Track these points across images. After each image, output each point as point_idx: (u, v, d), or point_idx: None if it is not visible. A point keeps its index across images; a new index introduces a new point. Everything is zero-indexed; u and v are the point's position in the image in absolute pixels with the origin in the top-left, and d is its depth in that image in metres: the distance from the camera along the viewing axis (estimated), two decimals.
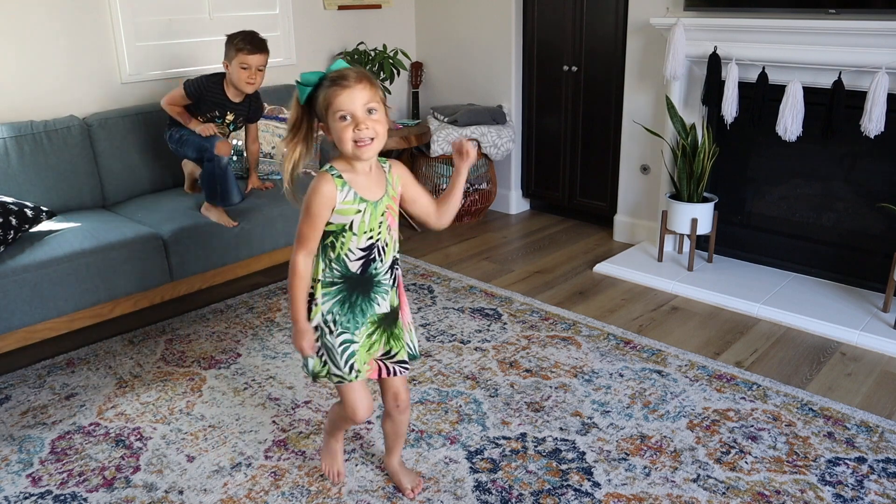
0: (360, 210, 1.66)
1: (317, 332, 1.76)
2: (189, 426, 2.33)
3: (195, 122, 3.06)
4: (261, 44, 3.02)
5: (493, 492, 2.02)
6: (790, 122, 3.07)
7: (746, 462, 2.13)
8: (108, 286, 2.78)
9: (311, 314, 1.73)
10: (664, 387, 2.53)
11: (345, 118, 1.59)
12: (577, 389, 2.52)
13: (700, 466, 2.12)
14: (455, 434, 2.27)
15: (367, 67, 1.50)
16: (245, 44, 2.97)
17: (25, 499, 2.01)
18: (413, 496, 2.00)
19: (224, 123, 3.15)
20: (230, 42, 3.00)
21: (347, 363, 1.74)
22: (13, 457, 2.19)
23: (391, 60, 4.12)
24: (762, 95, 3.16)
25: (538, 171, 4.45)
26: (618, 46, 3.83)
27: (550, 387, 2.54)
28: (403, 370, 1.85)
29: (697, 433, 2.27)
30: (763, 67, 3.15)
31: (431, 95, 4.67)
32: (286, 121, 3.63)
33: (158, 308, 3.11)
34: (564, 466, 2.12)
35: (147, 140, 3.35)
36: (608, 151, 4.06)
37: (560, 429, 2.30)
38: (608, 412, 2.38)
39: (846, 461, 2.13)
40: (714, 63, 3.27)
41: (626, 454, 2.17)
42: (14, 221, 2.64)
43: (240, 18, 3.76)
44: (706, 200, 3.43)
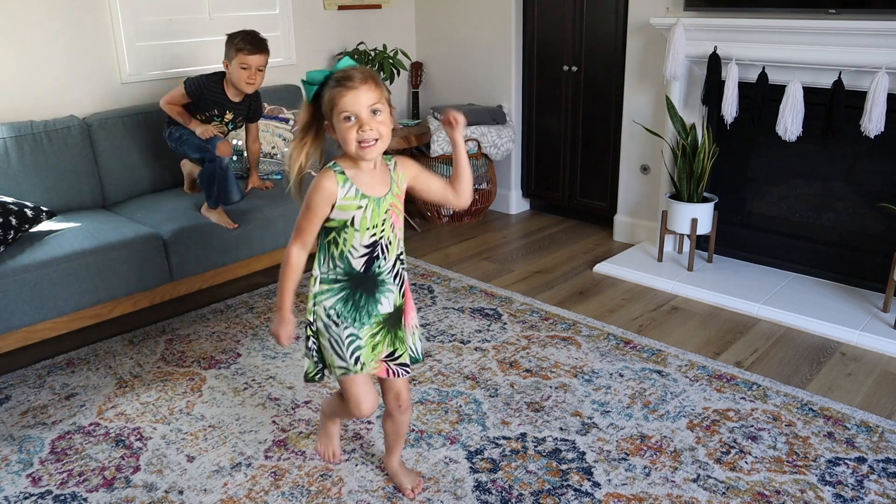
0: (362, 206, 1.66)
1: (311, 332, 1.76)
2: (189, 426, 2.33)
3: (195, 123, 3.05)
4: (261, 44, 3.01)
5: (493, 492, 2.02)
6: (790, 122, 3.07)
7: (746, 462, 2.13)
8: (108, 286, 2.78)
9: (310, 312, 1.74)
10: (664, 387, 2.53)
11: (349, 119, 1.60)
12: (577, 389, 2.52)
13: (700, 466, 2.12)
14: (455, 434, 2.27)
15: (368, 67, 1.50)
16: (245, 44, 2.96)
17: (25, 499, 2.01)
18: (413, 496, 2.00)
19: (223, 122, 3.14)
20: (230, 41, 2.99)
21: (353, 355, 1.74)
22: (13, 457, 2.19)
23: (391, 60, 4.12)
24: (762, 95, 3.16)
25: (538, 171, 4.45)
26: (618, 46, 3.84)
27: (550, 387, 2.54)
28: (405, 372, 1.85)
29: (697, 433, 2.27)
30: (763, 67, 3.15)
31: (431, 95, 4.67)
32: (286, 120, 3.64)
33: (158, 308, 3.11)
34: (564, 466, 2.12)
35: (147, 140, 3.35)
36: (608, 151, 4.06)
37: (560, 429, 2.30)
38: (608, 412, 2.38)
39: (846, 461, 2.13)
40: (714, 63, 3.27)
41: (626, 454, 2.17)
42: (14, 221, 2.64)
43: (240, 18, 3.76)
44: (706, 200, 3.44)
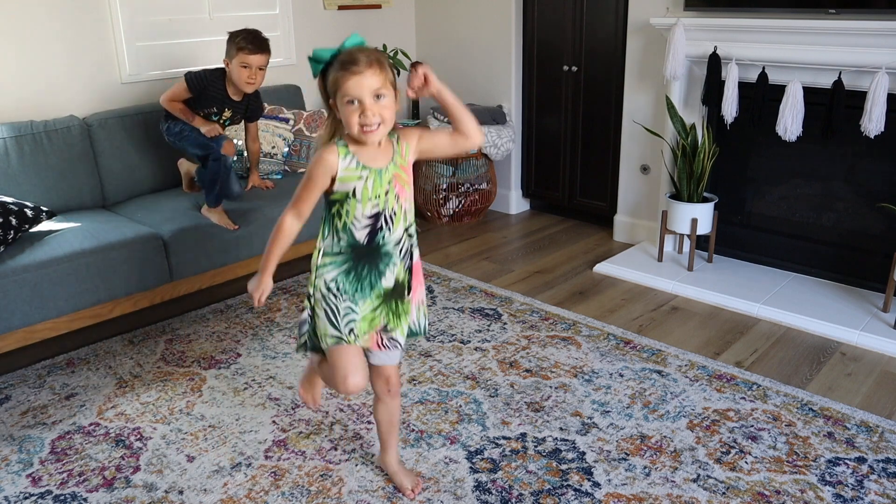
0: (363, 177, 1.67)
1: (309, 304, 1.76)
2: (189, 426, 2.33)
3: (199, 121, 3.02)
4: (263, 43, 2.99)
5: (493, 492, 2.02)
6: (790, 122, 3.07)
7: (746, 462, 2.13)
8: (108, 286, 2.78)
9: (311, 284, 1.75)
10: (664, 387, 2.53)
11: (352, 103, 1.61)
12: (577, 389, 2.52)
13: (700, 466, 2.12)
14: (455, 434, 2.27)
15: (375, 49, 1.49)
16: (246, 43, 2.94)
17: (25, 499, 2.01)
18: (413, 496, 2.00)
19: (221, 120, 3.12)
20: (232, 40, 2.96)
21: (348, 325, 1.73)
22: (13, 457, 2.19)
23: (391, 60, 4.11)
24: (762, 95, 3.16)
25: (538, 171, 4.45)
26: (618, 46, 3.83)
27: (550, 387, 2.54)
28: (395, 346, 1.82)
29: (697, 433, 2.27)
30: (763, 67, 3.15)
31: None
32: (286, 120, 3.64)
33: (158, 308, 3.11)
34: (564, 466, 2.12)
35: (147, 140, 3.35)
36: (608, 151, 4.06)
37: (560, 429, 2.30)
38: (608, 412, 2.38)
39: (846, 461, 2.13)
40: (714, 63, 3.27)
41: (626, 454, 2.17)
42: (14, 221, 2.64)
43: (240, 18, 3.75)
44: (706, 200, 3.44)
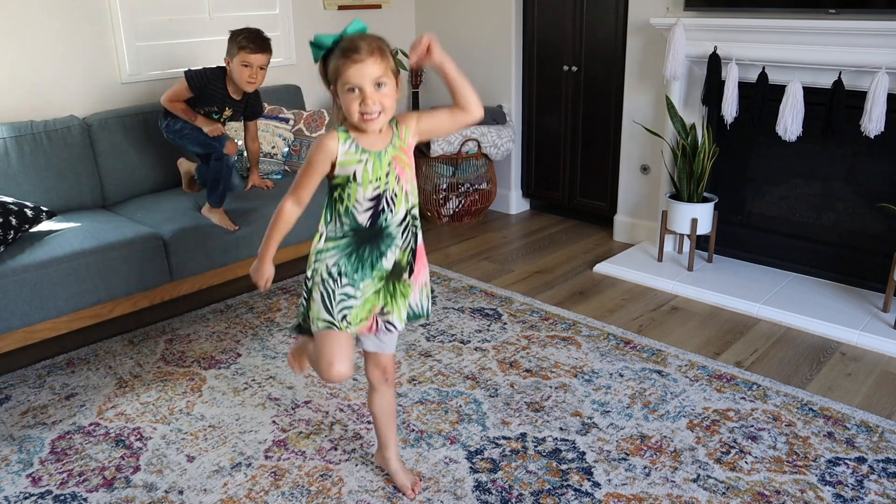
0: (362, 160, 1.67)
1: (306, 287, 1.76)
2: (189, 426, 2.34)
3: (202, 120, 3.02)
4: (264, 43, 2.97)
5: (493, 492, 2.02)
6: (790, 122, 3.07)
7: (746, 462, 2.13)
8: (108, 286, 2.78)
9: (312, 270, 1.75)
10: (664, 387, 2.53)
11: (353, 91, 1.60)
12: (577, 389, 2.52)
13: (700, 466, 2.12)
14: (455, 434, 2.27)
15: (376, 35, 1.48)
16: (248, 42, 2.92)
17: (25, 499, 2.01)
18: (414, 496, 2.00)
19: (220, 118, 3.11)
20: (233, 39, 2.95)
21: (341, 312, 1.72)
22: (13, 457, 2.19)
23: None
24: (762, 95, 3.16)
25: (538, 171, 4.45)
26: (618, 46, 3.84)
27: (550, 387, 2.54)
28: (390, 329, 1.80)
29: (697, 433, 2.27)
30: (763, 67, 3.15)
31: (431, 95, 4.67)
32: (286, 120, 3.64)
33: (158, 308, 3.11)
34: (564, 466, 2.12)
35: (147, 140, 3.35)
36: (608, 151, 4.06)
37: (560, 429, 2.30)
38: (608, 412, 2.38)
39: (846, 461, 2.13)
40: (714, 63, 3.27)
41: (626, 454, 2.17)
42: (14, 221, 2.64)
43: (240, 18, 3.75)
44: (706, 200, 3.44)
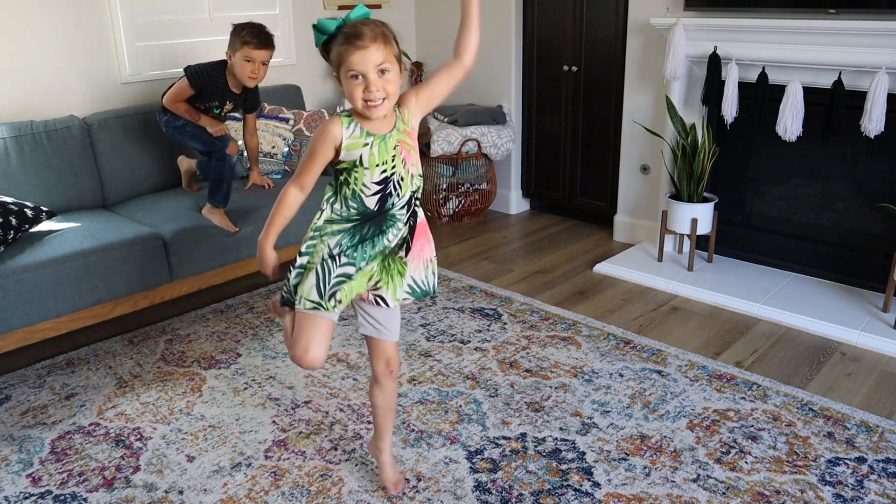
0: (368, 143, 1.66)
1: (300, 264, 1.75)
2: (189, 426, 2.33)
3: (206, 120, 3.01)
4: (267, 39, 2.96)
5: (493, 492, 2.02)
6: (790, 122, 3.07)
7: (746, 462, 2.13)
8: (108, 286, 2.78)
9: (308, 245, 1.74)
10: (664, 387, 2.53)
11: (356, 77, 1.60)
12: (577, 389, 2.52)
13: (700, 466, 2.12)
14: (455, 434, 2.27)
15: (380, 21, 1.47)
16: (252, 37, 2.90)
17: (25, 499, 2.01)
18: (396, 492, 2.00)
19: (222, 113, 3.10)
20: (236, 33, 2.93)
21: (332, 290, 1.70)
22: (13, 457, 2.19)
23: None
24: (762, 95, 3.16)
25: (538, 171, 4.45)
26: (618, 46, 3.84)
27: (550, 387, 2.54)
28: (381, 303, 1.78)
29: (697, 433, 2.27)
30: (763, 67, 3.15)
31: None
32: (286, 120, 3.64)
33: (158, 308, 3.11)
34: (564, 466, 2.12)
35: (147, 140, 3.35)
36: (608, 151, 4.06)
37: (560, 429, 2.30)
38: (608, 412, 2.38)
39: (846, 461, 2.13)
40: (714, 63, 3.27)
41: (626, 454, 2.17)
42: (14, 221, 2.64)
43: (240, 19, 3.70)
44: (706, 200, 3.44)
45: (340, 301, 1.71)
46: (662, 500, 1.98)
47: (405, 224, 1.74)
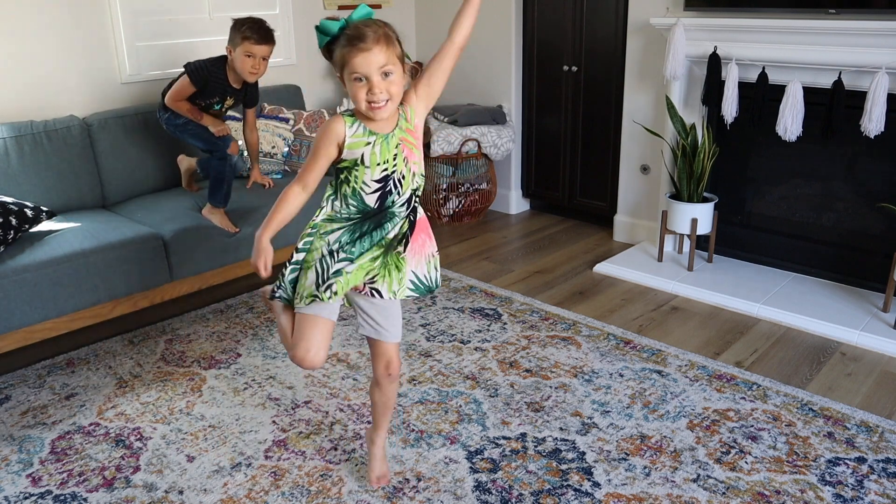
0: (370, 142, 1.67)
1: (295, 261, 1.76)
2: (189, 426, 2.33)
3: (209, 119, 3.01)
4: (268, 34, 2.94)
5: (493, 492, 2.02)
6: (790, 122, 3.07)
7: (746, 462, 2.13)
8: (108, 286, 2.78)
9: (306, 241, 1.75)
10: (664, 387, 2.53)
11: (360, 80, 1.60)
12: (577, 389, 2.52)
13: (700, 466, 2.12)
14: (455, 434, 2.27)
15: (382, 22, 1.47)
16: (252, 32, 2.88)
17: (25, 499, 2.01)
18: (376, 486, 2.00)
19: (223, 108, 3.09)
20: (236, 28, 2.91)
21: (327, 283, 1.71)
22: (13, 457, 2.19)
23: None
24: (762, 95, 3.16)
25: (538, 171, 4.45)
26: (618, 46, 3.84)
27: (550, 387, 2.54)
28: (375, 295, 1.78)
29: (697, 433, 2.27)
30: (763, 67, 3.15)
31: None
32: (286, 120, 3.64)
33: (158, 308, 3.11)
34: (564, 466, 2.12)
35: (147, 140, 3.35)
36: (608, 151, 4.06)
37: (560, 429, 2.30)
38: (608, 412, 2.38)
39: (846, 461, 2.13)
40: (714, 63, 3.27)
41: (626, 454, 2.17)
42: (14, 221, 2.64)
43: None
44: (706, 200, 3.44)
45: (336, 293, 1.71)
46: (662, 500, 1.98)
47: (404, 219, 1.75)
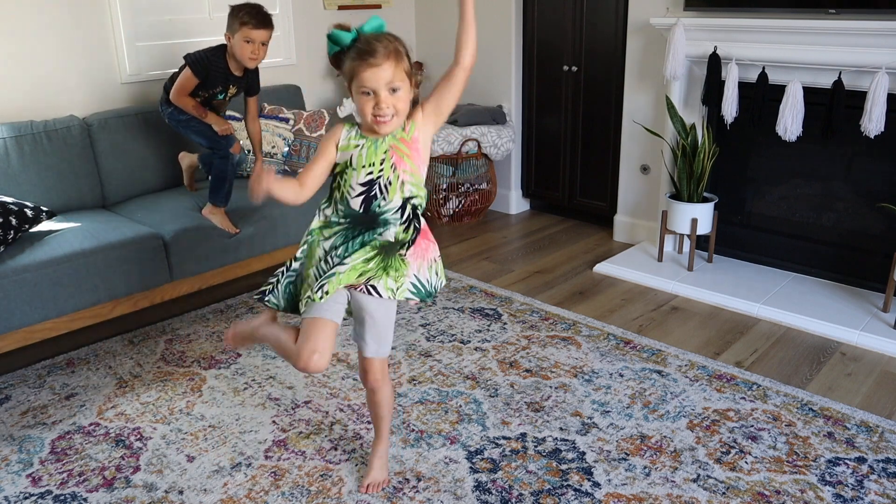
0: (359, 145, 1.73)
1: (292, 266, 1.84)
2: (189, 426, 2.33)
3: (212, 118, 3.00)
4: (266, 18, 2.92)
5: (493, 492, 2.02)
6: (790, 122, 3.07)
7: (746, 462, 2.13)
8: (108, 286, 2.78)
9: (303, 250, 1.83)
10: (664, 387, 2.53)
11: (368, 94, 1.64)
12: (577, 389, 2.52)
13: (700, 466, 2.12)
14: (455, 434, 2.27)
15: (393, 37, 1.49)
16: (250, 17, 2.86)
17: (25, 499, 2.01)
18: (363, 492, 2.00)
19: (226, 98, 3.08)
20: (234, 14, 2.89)
21: (320, 283, 1.73)
22: (13, 457, 2.19)
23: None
24: (762, 95, 3.16)
25: (538, 171, 4.45)
26: (618, 46, 3.84)
27: (550, 387, 2.54)
28: (373, 293, 1.78)
29: (697, 433, 2.27)
30: (763, 67, 3.15)
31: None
32: (286, 120, 3.64)
33: (158, 308, 3.11)
34: (564, 466, 2.12)
35: (147, 140, 3.35)
36: (608, 151, 4.06)
37: (560, 429, 2.30)
38: (608, 412, 2.38)
39: (846, 461, 2.13)
40: (714, 63, 3.27)
41: (626, 454, 2.17)
42: (14, 221, 2.64)
43: None
44: (706, 200, 3.44)
45: (328, 292, 1.73)
46: (662, 500, 1.98)
47: (401, 227, 1.76)
